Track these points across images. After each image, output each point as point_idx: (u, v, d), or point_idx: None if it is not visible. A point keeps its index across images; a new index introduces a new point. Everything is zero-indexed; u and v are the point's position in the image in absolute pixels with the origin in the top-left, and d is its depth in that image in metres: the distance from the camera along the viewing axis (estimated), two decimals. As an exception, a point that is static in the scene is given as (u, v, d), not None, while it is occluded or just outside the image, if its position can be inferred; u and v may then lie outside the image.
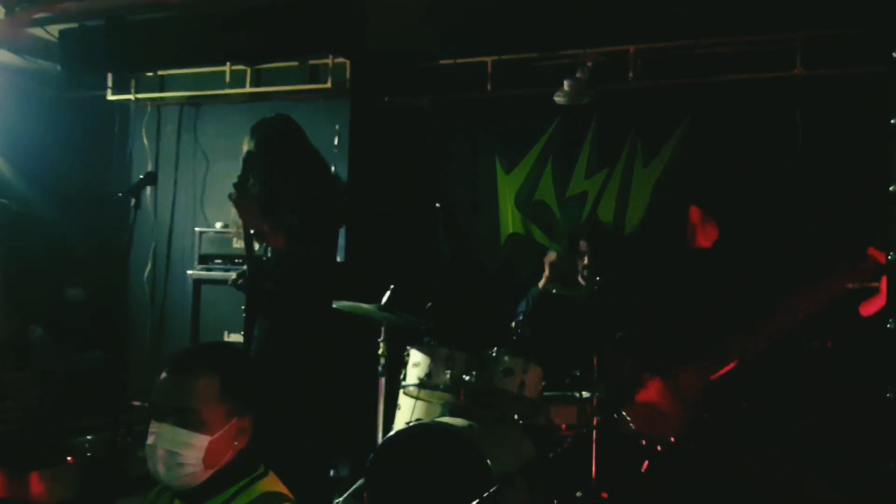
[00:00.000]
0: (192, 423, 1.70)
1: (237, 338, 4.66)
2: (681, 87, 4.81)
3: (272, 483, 1.80)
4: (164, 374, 1.77)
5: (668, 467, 2.59)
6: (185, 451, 1.69)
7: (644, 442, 2.64)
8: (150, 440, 1.73)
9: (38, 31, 4.99)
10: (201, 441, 1.70)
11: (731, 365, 2.59)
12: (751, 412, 2.60)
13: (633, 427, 2.67)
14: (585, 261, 4.40)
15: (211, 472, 1.73)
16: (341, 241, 5.25)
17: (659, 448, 2.61)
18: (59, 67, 4.96)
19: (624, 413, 2.70)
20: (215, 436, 1.72)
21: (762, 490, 2.72)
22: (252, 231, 3.59)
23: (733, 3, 4.29)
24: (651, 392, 2.64)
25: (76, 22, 4.74)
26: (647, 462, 2.62)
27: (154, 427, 1.73)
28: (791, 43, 4.53)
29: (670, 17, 4.52)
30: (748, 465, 2.68)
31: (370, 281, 4.83)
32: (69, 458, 4.49)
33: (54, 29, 4.91)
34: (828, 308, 2.47)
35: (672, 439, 2.60)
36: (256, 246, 3.73)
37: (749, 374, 2.57)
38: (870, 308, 2.50)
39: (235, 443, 1.76)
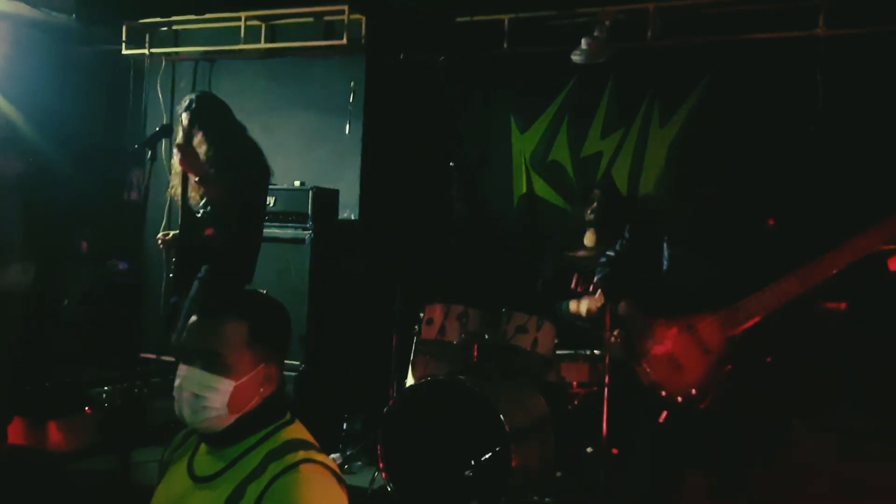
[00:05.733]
0: (219, 367, 1.71)
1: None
2: (700, 46, 4.74)
3: (297, 430, 1.80)
4: (193, 318, 1.78)
5: (686, 420, 2.60)
6: (211, 394, 1.70)
7: (663, 393, 2.63)
8: (177, 382, 1.74)
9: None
10: (227, 386, 1.70)
11: (756, 319, 2.57)
12: (775, 367, 2.59)
13: (652, 378, 2.67)
14: (595, 206, 4.40)
15: (235, 417, 1.73)
16: (356, 198, 5.27)
17: (679, 400, 2.60)
18: (73, 17, 4.92)
19: (643, 364, 2.69)
20: (241, 381, 1.72)
21: (779, 448, 2.73)
22: (197, 178, 3.85)
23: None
24: (671, 342, 2.63)
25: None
26: (665, 413, 2.62)
27: (182, 370, 1.73)
28: (814, 1, 4.45)
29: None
30: (760, 421, 2.69)
31: (384, 238, 4.85)
32: (87, 409, 4.56)
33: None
34: (854, 267, 2.44)
35: (693, 392, 2.59)
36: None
37: (775, 330, 2.56)
38: None
39: (261, 389, 1.76)
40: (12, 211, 4.58)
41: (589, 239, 4.44)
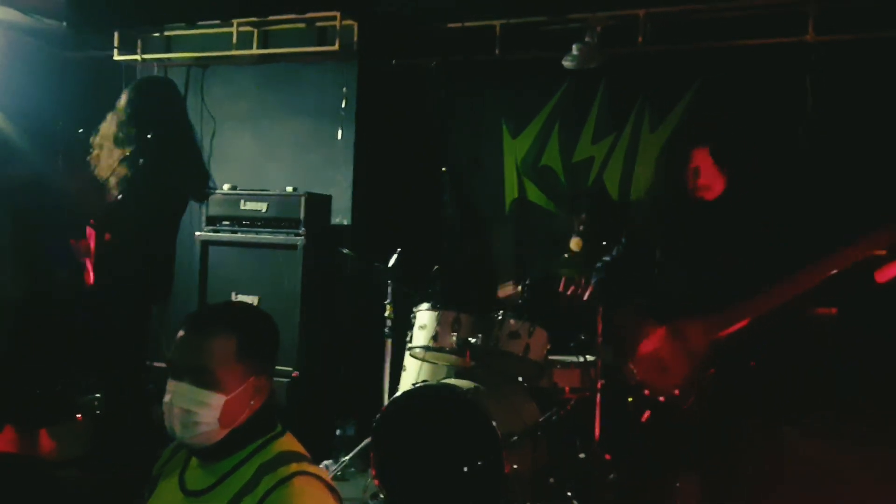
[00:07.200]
0: (209, 382, 1.70)
1: (246, 299, 4.71)
2: (691, 51, 4.75)
3: (289, 443, 1.81)
4: (181, 333, 1.76)
5: (669, 420, 2.63)
6: (202, 409, 1.70)
7: (647, 392, 2.66)
8: (167, 398, 1.73)
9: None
10: (217, 400, 1.70)
11: (742, 324, 2.59)
12: (758, 372, 2.62)
13: (638, 377, 2.70)
14: (583, 217, 4.42)
15: (227, 431, 1.73)
16: (348, 204, 5.28)
17: (662, 399, 2.63)
18: (64, 25, 4.91)
19: (630, 364, 2.72)
20: (231, 395, 1.71)
21: (760, 450, 2.75)
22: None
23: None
24: (656, 342, 2.66)
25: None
26: (648, 412, 2.65)
27: (171, 385, 1.73)
28: (803, 7, 4.47)
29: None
30: (747, 425, 2.71)
31: (377, 243, 4.85)
32: (78, 416, 4.55)
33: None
34: (842, 274, 2.46)
35: (676, 392, 2.61)
36: None
37: (760, 335, 2.58)
38: (886, 274, 2.50)
39: (252, 402, 1.75)
40: (2, 218, 4.57)
41: (575, 244, 4.44)
